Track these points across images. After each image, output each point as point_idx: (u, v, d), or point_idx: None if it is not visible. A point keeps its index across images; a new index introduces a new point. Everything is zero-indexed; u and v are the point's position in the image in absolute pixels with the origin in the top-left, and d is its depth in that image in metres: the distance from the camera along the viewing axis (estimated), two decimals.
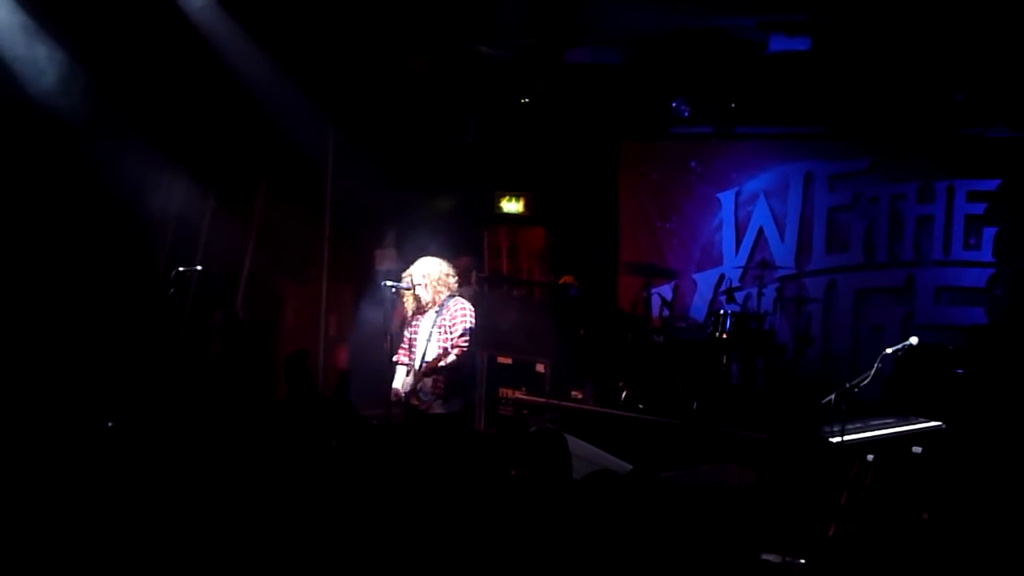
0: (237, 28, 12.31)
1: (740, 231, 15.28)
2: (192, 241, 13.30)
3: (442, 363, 9.38)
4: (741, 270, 14.95)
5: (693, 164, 15.55)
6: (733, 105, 14.47)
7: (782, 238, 14.95)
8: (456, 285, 9.77)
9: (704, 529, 7.51)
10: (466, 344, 9.45)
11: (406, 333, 9.85)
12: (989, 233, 13.68)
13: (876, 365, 8.95)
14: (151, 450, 9.60)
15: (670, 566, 7.09)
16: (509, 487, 7.55)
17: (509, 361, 13.75)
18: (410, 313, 9.73)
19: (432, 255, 9.89)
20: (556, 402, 12.87)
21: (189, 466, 8.78)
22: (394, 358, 9.75)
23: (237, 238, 13.84)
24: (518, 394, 13.36)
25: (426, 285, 9.56)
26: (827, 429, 9.05)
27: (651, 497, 7.12)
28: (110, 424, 9.93)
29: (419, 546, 6.71)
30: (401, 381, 9.66)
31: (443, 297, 9.57)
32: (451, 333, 9.45)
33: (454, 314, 9.51)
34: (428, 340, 9.49)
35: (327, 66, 13.45)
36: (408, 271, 9.72)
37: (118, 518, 7.63)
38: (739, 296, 14.54)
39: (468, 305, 9.64)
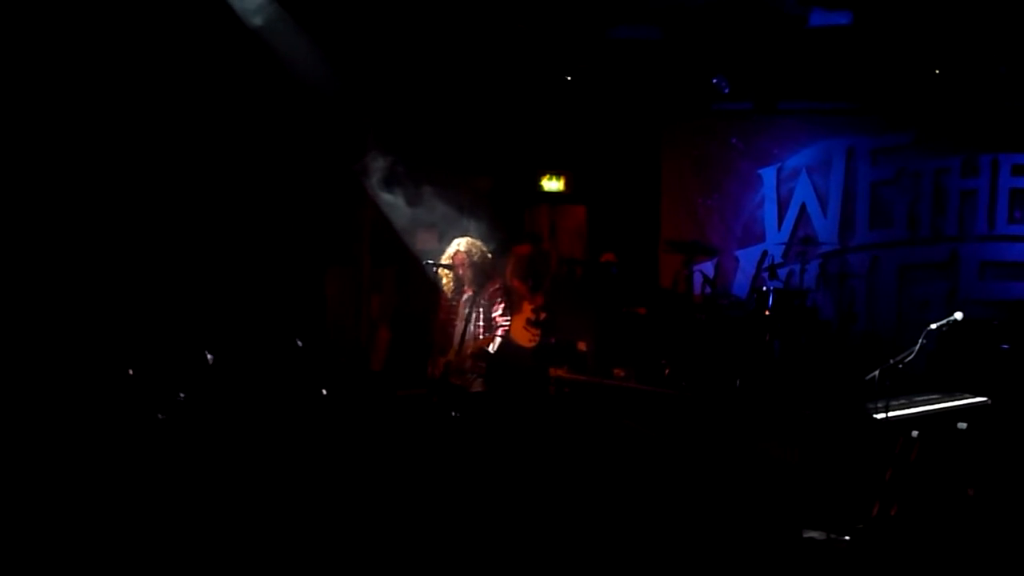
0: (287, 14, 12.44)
1: (782, 207, 15.23)
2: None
3: (488, 348, 9.42)
4: (784, 246, 14.93)
5: (734, 140, 15.50)
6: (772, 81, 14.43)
7: (825, 214, 14.91)
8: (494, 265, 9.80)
9: (749, 505, 7.56)
10: (507, 323, 9.48)
11: (444, 314, 9.90)
12: None
13: (920, 341, 8.92)
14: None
15: (716, 542, 7.14)
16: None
17: (551, 340, 13.76)
18: (450, 292, 9.77)
19: (471, 235, 9.93)
20: (598, 380, 12.89)
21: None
22: (435, 337, 9.80)
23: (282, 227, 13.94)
24: (560, 373, 13.38)
25: (466, 264, 9.60)
26: (871, 405, 9.01)
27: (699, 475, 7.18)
28: (181, 395, 10.10)
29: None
30: (442, 360, 9.72)
31: (484, 276, 9.61)
32: (491, 312, 9.49)
33: (492, 294, 9.55)
34: (467, 320, 9.54)
35: (368, 46, 13.49)
36: (448, 251, 9.76)
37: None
38: (782, 273, 14.51)
39: (508, 284, 9.67)
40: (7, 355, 10.76)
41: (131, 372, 11.00)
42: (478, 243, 9.83)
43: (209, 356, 11.62)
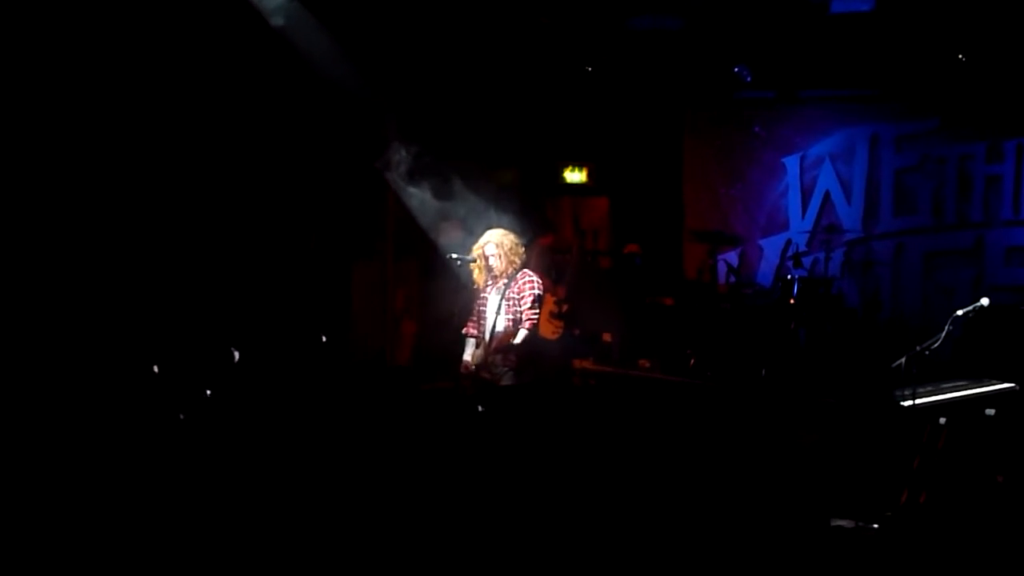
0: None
1: (806, 195, 15.23)
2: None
3: (515, 340, 9.42)
4: (808, 235, 14.92)
5: (757, 129, 15.48)
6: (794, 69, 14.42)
7: (849, 201, 14.90)
8: (524, 256, 9.80)
9: (776, 494, 7.56)
10: (536, 316, 9.49)
11: (474, 306, 9.89)
12: None
13: (947, 327, 8.90)
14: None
15: (742, 530, 7.15)
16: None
17: (576, 332, 13.78)
18: (480, 284, 9.76)
19: (498, 227, 9.93)
20: (624, 371, 12.91)
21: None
22: (463, 330, 9.80)
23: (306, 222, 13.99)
24: (586, 364, 13.41)
25: (499, 256, 9.58)
26: (898, 393, 9.00)
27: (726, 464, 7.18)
28: (208, 392, 10.17)
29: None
30: (471, 353, 9.71)
31: (514, 268, 9.60)
32: (520, 305, 9.48)
33: (522, 286, 9.53)
34: (497, 312, 9.53)
35: (386, 40, 13.52)
36: (479, 242, 9.75)
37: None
38: (806, 261, 14.49)
39: (536, 277, 9.67)
40: (33, 353, 10.83)
41: (156, 369, 11.07)
42: (510, 235, 9.82)
43: (235, 353, 11.68)
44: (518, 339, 9.39)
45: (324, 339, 13.14)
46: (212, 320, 12.63)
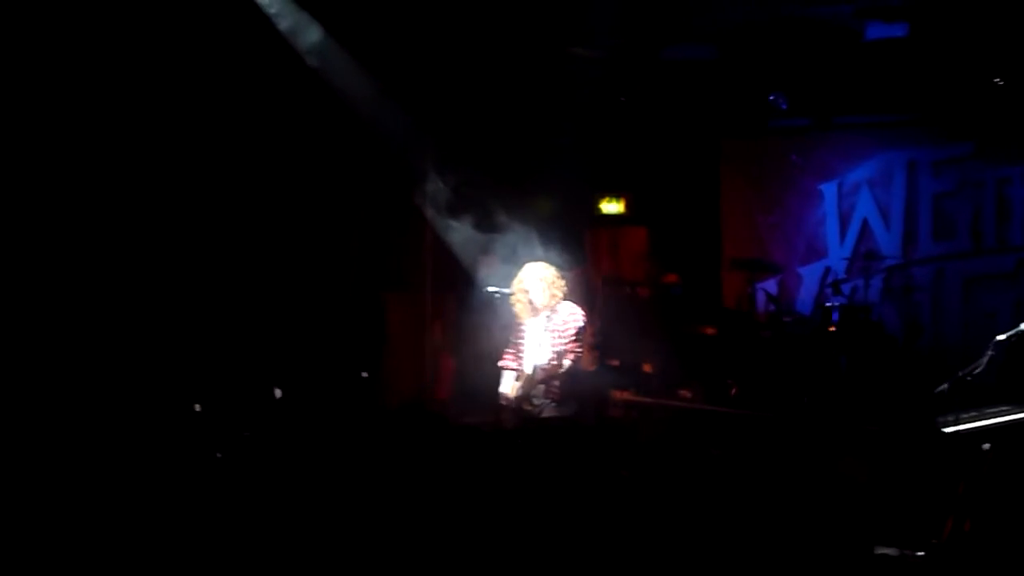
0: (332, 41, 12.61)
1: (844, 222, 15.20)
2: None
3: (560, 368, 9.45)
4: (847, 262, 14.90)
5: (794, 157, 15.45)
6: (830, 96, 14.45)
7: (887, 227, 14.87)
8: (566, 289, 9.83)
9: (820, 522, 7.54)
10: (580, 348, 9.52)
11: (512, 338, 9.92)
12: None
13: (988, 352, 8.89)
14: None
15: (787, 561, 7.13)
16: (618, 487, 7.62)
17: (617, 363, 13.79)
18: (522, 318, 9.79)
19: (537, 259, 9.99)
20: (665, 401, 12.89)
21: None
22: (500, 363, 9.83)
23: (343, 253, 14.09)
24: (626, 395, 13.40)
25: (542, 289, 9.62)
26: (941, 419, 8.98)
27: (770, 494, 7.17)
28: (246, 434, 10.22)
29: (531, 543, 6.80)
30: (510, 386, 9.74)
31: (557, 300, 9.64)
32: (564, 337, 9.51)
33: (566, 318, 9.57)
34: (540, 345, 9.57)
35: (422, 73, 13.63)
36: (519, 276, 9.79)
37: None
38: (845, 288, 14.45)
39: (580, 310, 9.70)
40: (75, 389, 10.92)
41: (198, 408, 11.13)
42: (551, 267, 9.88)
43: (277, 391, 11.73)
44: (562, 370, 9.42)
45: (365, 375, 13.20)
46: (254, 356, 12.72)
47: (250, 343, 12.92)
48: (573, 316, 9.60)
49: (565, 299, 9.74)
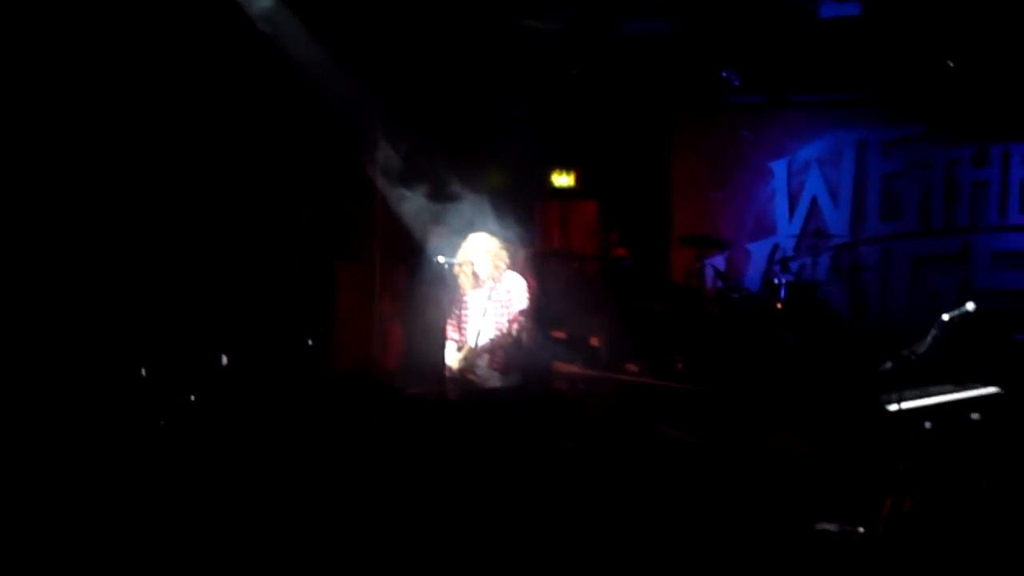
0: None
1: (793, 200, 15.24)
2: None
3: (504, 340, 9.44)
4: (795, 239, 14.95)
5: (745, 133, 15.43)
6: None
7: (836, 206, 14.92)
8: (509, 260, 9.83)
9: (762, 497, 7.58)
10: (523, 319, 9.52)
11: (456, 310, 9.91)
12: None
13: (932, 332, 8.95)
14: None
15: (727, 535, 7.16)
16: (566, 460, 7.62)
17: (563, 335, 13.78)
18: (466, 289, 9.79)
19: (484, 231, 9.97)
20: (611, 375, 12.91)
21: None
22: (444, 335, 9.82)
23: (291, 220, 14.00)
24: (573, 368, 13.40)
25: (486, 260, 9.62)
26: (884, 397, 9.04)
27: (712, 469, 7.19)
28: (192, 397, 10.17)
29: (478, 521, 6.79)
30: (453, 357, 9.73)
31: (500, 271, 9.64)
32: (509, 307, 9.51)
33: (510, 289, 9.57)
34: (484, 315, 9.57)
35: (375, 41, 13.54)
36: (464, 247, 9.78)
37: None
38: (793, 266, 14.51)
39: (523, 280, 9.70)
40: (17, 355, 10.81)
41: (144, 372, 11.06)
42: (494, 238, 9.87)
43: (224, 358, 11.67)
44: (507, 338, 9.42)
45: (311, 343, 13.14)
46: (201, 321, 12.63)
47: (197, 308, 12.83)
48: (516, 286, 9.60)
49: (508, 270, 9.73)
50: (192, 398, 10.47)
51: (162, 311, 12.53)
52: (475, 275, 9.69)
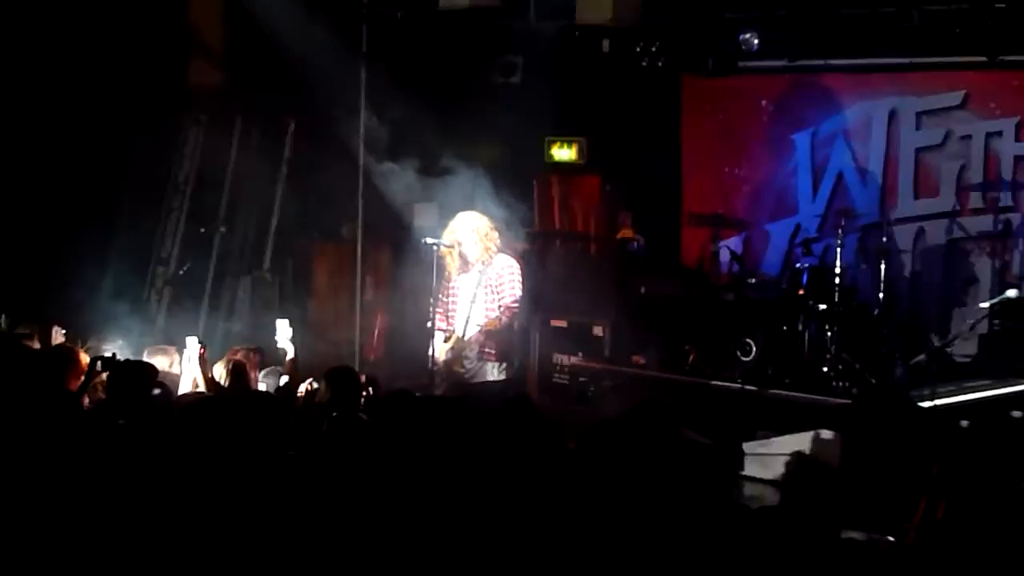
0: None
1: (817, 176, 15.24)
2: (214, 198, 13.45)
3: (495, 328, 9.44)
4: (819, 219, 14.93)
5: (764, 102, 15.48)
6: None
7: (864, 183, 14.92)
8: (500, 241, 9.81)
9: (783, 504, 7.57)
10: (516, 305, 9.50)
11: (442, 296, 9.90)
12: None
13: (969, 321, 8.97)
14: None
15: (748, 543, 7.14)
16: (568, 462, 7.59)
17: (564, 324, 13.80)
18: (453, 272, 9.77)
19: (476, 209, 9.96)
20: (616, 368, 12.92)
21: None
22: (430, 323, 9.80)
23: (263, 193, 13.97)
24: (574, 359, 13.42)
25: (475, 241, 9.59)
26: (916, 393, 9.07)
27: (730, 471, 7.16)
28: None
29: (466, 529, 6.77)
30: (439, 348, 9.71)
31: (491, 254, 9.61)
32: (499, 293, 9.50)
33: (501, 272, 9.55)
34: (473, 302, 9.55)
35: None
36: (451, 226, 9.76)
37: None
38: (817, 248, 14.45)
39: (516, 263, 9.69)
40: None
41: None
42: (484, 217, 9.85)
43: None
44: (496, 328, 9.40)
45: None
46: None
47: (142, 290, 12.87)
48: (509, 269, 9.59)
49: (500, 252, 9.71)
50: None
51: (112, 295, 12.54)
52: (463, 257, 9.65)
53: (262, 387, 9.39)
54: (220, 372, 9.00)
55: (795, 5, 14.25)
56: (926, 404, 9.04)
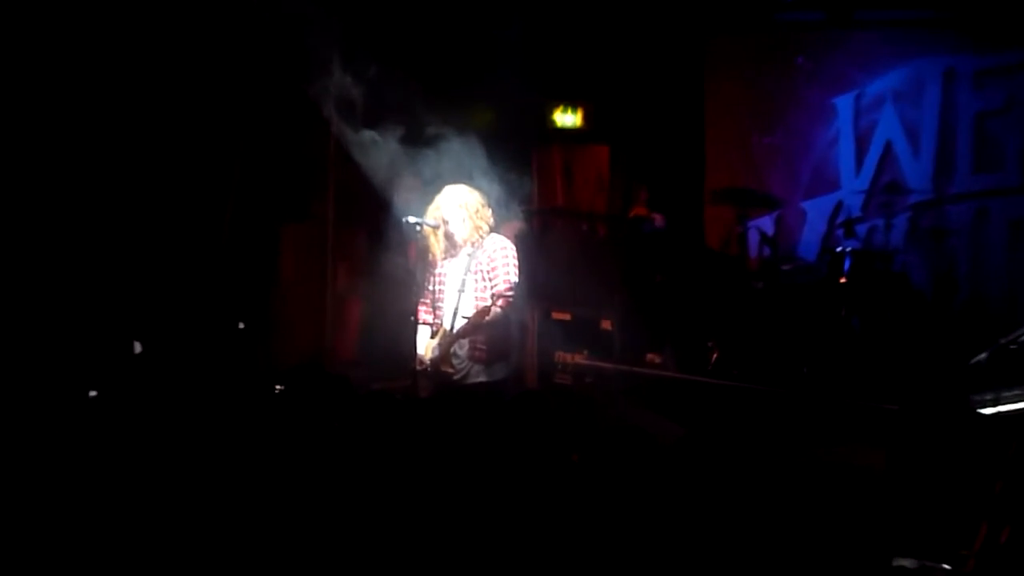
0: None
1: (862, 145, 15.22)
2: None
3: (484, 319, 9.40)
4: (864, 196, 14.94)
5: (800, 60, 15.41)
6: None
7: (916, 154, 14.89)
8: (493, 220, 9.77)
9: (822, 526, 7.46)
10: (511, 293, 9.45)
11: (426, 284, 9.87)
12: None
13: None
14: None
15: (781, 571, 7.04)
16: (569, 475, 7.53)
17: (567, 317, 13.73)
18: (439, 256, 9.73)
19: (466, 184, 9.89)
20: (627, 368, 12.85)
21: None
22: (413, 316, 9.77)
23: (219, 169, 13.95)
24: (579, 358, 13.34)
25: (463, 219, 9.57)
26: (977, 398, 8.95)
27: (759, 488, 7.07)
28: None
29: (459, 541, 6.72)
30: (425, 344, 9.69)
31: (482, 234, 9.58)
32: (491, 279, 9.45)
33: (493, 256, 9.52)
34: (461, 290, 9.52)
35: None
36: (437, 202, 9.71)
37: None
38: (861, 229, 14.51)
39: (510, 244, 9.63)
40: None
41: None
42: (475, 192, 9.81)
43: (136, 345, 11.66)
44: (487, 318, 9.35)
45: (242, 326, 13.10)
46: (109, 301, 12.63)
47: (100, 283, 12.81)
48: (502, 251, 9.55)
49: (493, 232, 9.66)
50: (93, 394, 10.40)
51: (64, 288, 12.54)
52: (449, 238, 9.61)
53: None
54: None
55: None
56: (988, 411, 8.93)
